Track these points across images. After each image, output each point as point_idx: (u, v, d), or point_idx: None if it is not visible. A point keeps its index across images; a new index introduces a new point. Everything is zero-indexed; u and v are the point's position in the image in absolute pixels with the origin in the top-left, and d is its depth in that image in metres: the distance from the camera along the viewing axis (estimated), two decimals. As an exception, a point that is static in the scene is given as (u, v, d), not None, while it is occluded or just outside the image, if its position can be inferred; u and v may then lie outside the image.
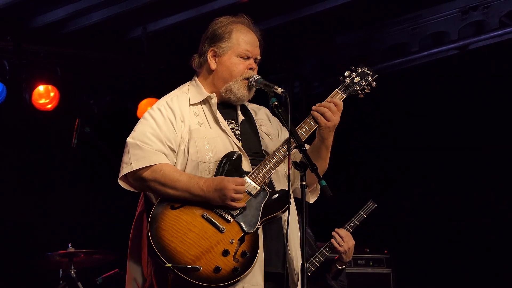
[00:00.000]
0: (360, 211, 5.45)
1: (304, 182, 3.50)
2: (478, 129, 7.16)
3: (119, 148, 3.86)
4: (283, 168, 3.77)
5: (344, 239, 5.23)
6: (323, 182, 3.50)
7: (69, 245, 6.49)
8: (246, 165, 3.73)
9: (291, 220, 3.68)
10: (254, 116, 3.97)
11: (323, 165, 3.86)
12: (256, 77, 3.82)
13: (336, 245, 5.22)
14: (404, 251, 7.16)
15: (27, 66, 7.38)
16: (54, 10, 7.13)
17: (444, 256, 7.38)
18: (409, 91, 7.56)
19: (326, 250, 5.27)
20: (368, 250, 6.68)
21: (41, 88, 7.41)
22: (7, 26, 7.22)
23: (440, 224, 7.44)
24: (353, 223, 5.38)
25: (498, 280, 7.07)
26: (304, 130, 3.76)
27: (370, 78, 3.92)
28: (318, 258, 5.26)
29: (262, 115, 4.00)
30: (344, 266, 5.37)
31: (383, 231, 7.27)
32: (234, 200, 3.58)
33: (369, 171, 7.79)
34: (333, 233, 5.29)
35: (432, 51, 7.20)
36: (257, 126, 3.93)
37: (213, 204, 3.61)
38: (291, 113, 3.61)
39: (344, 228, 5.36)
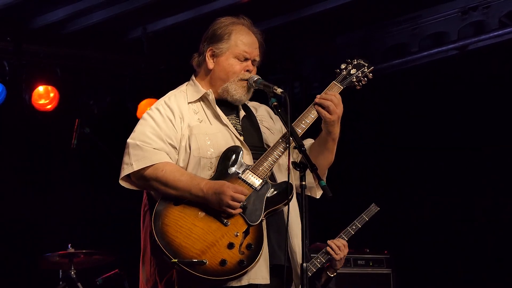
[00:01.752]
0: (362, 214, 5.43)
1: (303, 182, 3.51)
2: (478, 129, 7.16)
3: (119, 148, 3.87)
4: (285, 161, 3.77)
5: (340, 249, 5.23)
6: (323, 182, 3.51)
7: (69, 245, 6.48)
8: (248, 159, 3.75)
9: (293, 213, 3.70)
10: (255, 113, 3.99)
11: (329, 157, 3.89)
12: (256, 77, 3.84)
13: (332, 253, 5.21)
14: (404, 251, 7.16)
15: (27, 67, 7.38)
16: (54, 11, 7.13)
17: (444, 256, 7.38)
18: (409, 91, 7.56)
19: (317, 261, 5.24)
20: (368, 251, 6.68)
21: (40, 88, 7.41)
22: (7, 26, 7.22)
23: (440, 224, 7.44)
24: (355, 226, 5.37)
25: (498, 281, 7.07)
26: (304, 122, 3.77)
27: (366, 70, 3.94)
28: (310, 267, 5.24)
29: (262, 112, 4.02)
30: (335, 274, 5.36)
31: (383, 232, 7.27)
32: (230, 207, 3.58)
33: (369, 171, 7.79)
34: (329, 242, 5.27)
35: (432, 52, 7.20)
36: (258, 121, 3.95)
37: (211, 206, 3.61)
38: (290, 114, 3.62)
39: (346, 231, 5.35)
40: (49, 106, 7.46)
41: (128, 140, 3.77)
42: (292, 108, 3.63)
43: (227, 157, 3.71)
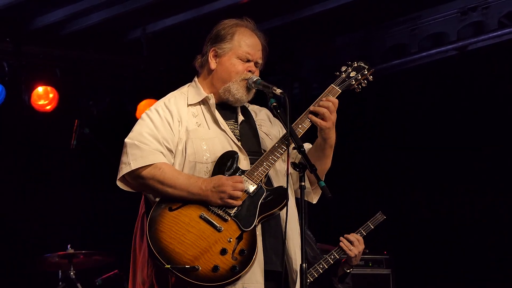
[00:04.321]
0: (368, 222, 5.44)
1: (303, 183, 3.49)
2: (478, 129, 7.16)
3: (118, 149, 3.87)
4: (282, 166, 3.77)
5: (354, 244, 5.24)
6: (322, 183, 3.50)
7: (69, 246, 6.48)
8: (245, 164, 3.74)
9: (290, 218, 3.67)
10: (254, 117, 3.97)
11: (327, 163, 3.88)
12: (255, 78, 3.83)
13: (345, 249, 5.22)
14: (403, 252, 7.15)
15: (26, 68, 7.38)
16: (54, 12, 7.14)
17: (444, 256, 7.38)
18: (408, 92, 7.56)
19: (331, 258, 5.26)
20: (367, 251, 6.66)
21: (40, 89, 7.42)
22: (7, 27, 7.23)
23: (439, 224, 7.43)
24: (360, 234, 5.38)
25: (498, 281, 7.06)
26: (299, 128, 3.76)
27: (366, 72, 3.92)
28: (322, 265, 5.25)
29: (262, 116, 4.01)
30: (351, 269, 5.37)
31: (382, 232, 7.26)
32: (232, 197, 3.58)
33: (368, 172, 7.79)
34: (341, 238, 5.28)
35: (432, 52, 7.20)
36: (257, 126, 3.93)
37: (212, 203, 3.61)
38: (290, 114, 3.62)
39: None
40: (48, 107, 7.46)
41: (126, 140, 3.77)
42: (292, 109, 3.63)
43: (223, 162, 3.70)
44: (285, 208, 3.63)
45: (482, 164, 7.20)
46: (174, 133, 3.75)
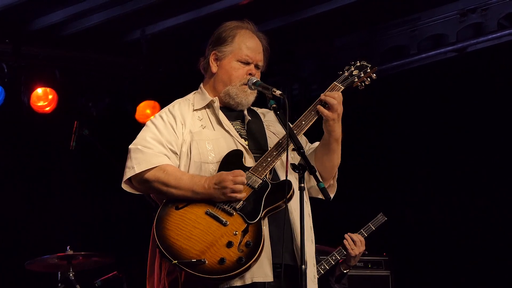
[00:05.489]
0: (369, 223, 5.45)
1: (302, 184, 3.53)
2: (477, 131, 7.16)
3: (118, 150, 3.90)
4: (289, 161, 3.78)
5: (356, 244, 5.25)
6: (322, 185, 3.56)
7: (68, 247, 6.47)
8: (251, 162, 3.78)
9: (297, 210, 3.68)
10: (262, 118, 4.02)
11: (334, 158, 3.91)
12: (255, 79, 3.87)
13: (348, 247, 5.23)
14: (402, 253, 7.15)
15: (26, 69, 7.38)
16: (53, 13, 7.14)
17: (443, 258, 7.38)
18: (408, 93, 7.56)
19: (332, 259, 5.27)
20: (366, 252, 6.66)
21: (39, 90, 7.41)
22: (6, 28, 7.23)
23: (439, 225, 7.43)
24: (361, 235, 5.38)
25: (497, 282, 7.06)
26: (303, 123, 3.79)
27: (369, 70, 3.97)
28: (324, 265, 5.26)
29: (271, 117, 4.05)
30: (348, 270, 5.37)
31: (381, 233, 7.26)
32: (234, 191, 3.62)
33: (368, 173, 7.78)
34: (346, 236, 5.29)
35: (431, 54, 7.21)
36: (265, 126, 3.98)
37: (216, 200, 3.66)
38: (289, 116, 3.64)
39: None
40: (47, 108, 7.46)
41: (130, 146, 3.84)
42: (291, 110, 3.65)
43: (228, 161, 3.75)
44: (290, 200, 3.65)
45: (482, 165, 7.20)
46: (178, 136, 3.82)
